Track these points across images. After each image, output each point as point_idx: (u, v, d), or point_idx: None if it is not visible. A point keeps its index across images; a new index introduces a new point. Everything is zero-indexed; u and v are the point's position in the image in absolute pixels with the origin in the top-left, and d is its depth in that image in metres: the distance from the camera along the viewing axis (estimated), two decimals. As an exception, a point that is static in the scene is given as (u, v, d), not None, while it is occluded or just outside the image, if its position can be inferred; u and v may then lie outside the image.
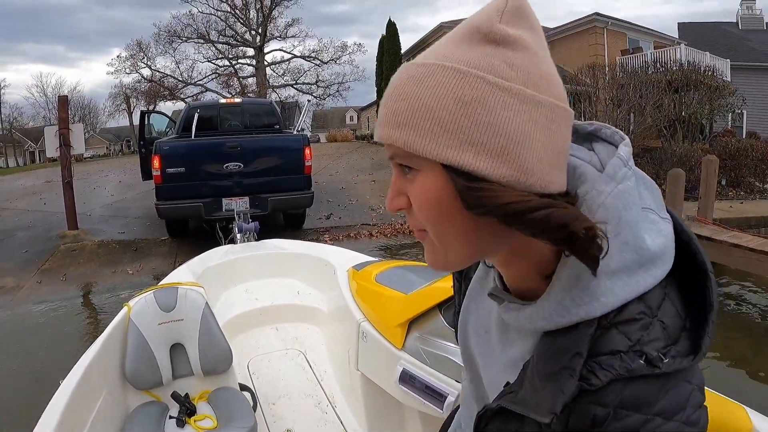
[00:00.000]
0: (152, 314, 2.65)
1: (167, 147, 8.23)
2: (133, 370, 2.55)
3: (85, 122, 54.62)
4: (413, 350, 2.38)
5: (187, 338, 2.72)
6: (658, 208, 0.72)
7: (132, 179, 15.68)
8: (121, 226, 10.08)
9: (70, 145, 9.08)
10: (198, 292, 2.83)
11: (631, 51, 24.57)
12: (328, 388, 3.28)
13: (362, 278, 3.12)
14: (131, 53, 38.54)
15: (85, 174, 18.37)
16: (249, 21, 38.48)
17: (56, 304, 6.77)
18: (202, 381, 2.79)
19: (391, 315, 2.57)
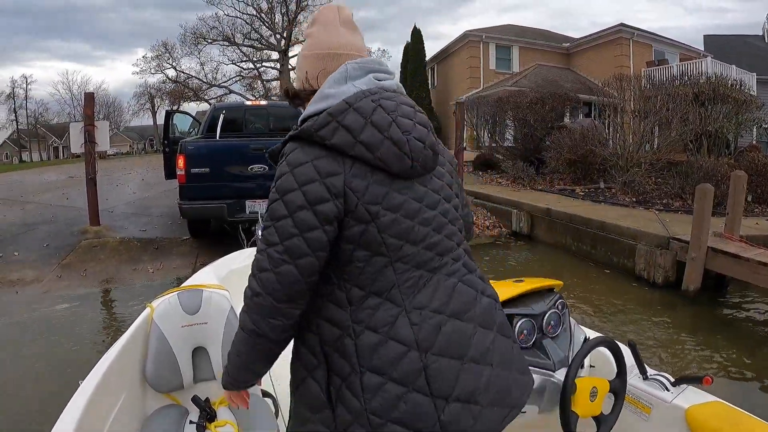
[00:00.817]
0: (175, 316, 2.59)
1: (192, 147, 8.20)
2: (154, 373, 2.49)
3: (110, 120, 55.49)
4: None
5: (210, 342, 2.66)
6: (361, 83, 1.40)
7: (154, 178, 15.86)
8: (142, 224, 10.09)
9: (95, 142, 9.11)
10: (223, 296, 2.77)
11: (656, 63, 24.48)
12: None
13: None
14: (157, 54, 39.30)
15: (109, 171, 18.72)
16: (274, 25, 38.78)
17: (75, 300, 6.76)
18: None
19: None
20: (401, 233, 1.31)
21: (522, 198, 11.65)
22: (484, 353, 1.37)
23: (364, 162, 1.29)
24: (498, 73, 27.87)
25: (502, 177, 15.44)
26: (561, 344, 2.27)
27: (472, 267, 1.51)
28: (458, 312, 1.36)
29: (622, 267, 8.18)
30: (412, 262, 1.34)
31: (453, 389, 1.28)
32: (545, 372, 2.13)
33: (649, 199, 11.24)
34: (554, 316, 2.29)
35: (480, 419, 1.32)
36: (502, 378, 1.40)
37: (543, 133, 14.78)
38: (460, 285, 1.41)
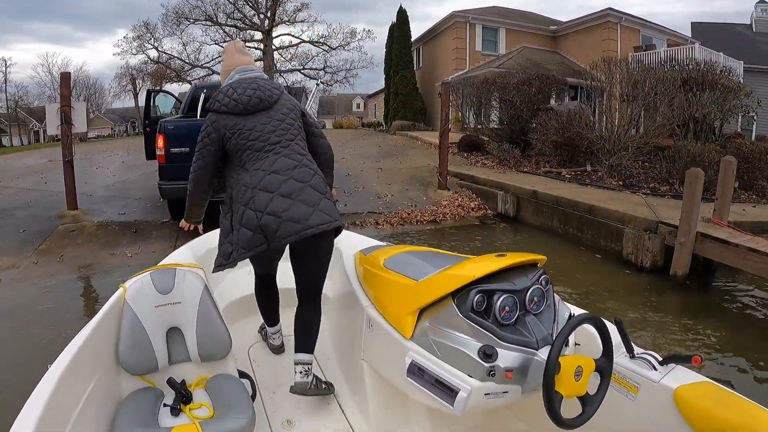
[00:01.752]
0: (148, 296, 2.59)
1: (172, 126, 8.11)
2: (127, 355, 2.49)
3: (91, 102, 54.76)
4: (423, 341, 2.32)
5: (184, 322, 2.65)
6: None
7: (135, 160, 15.58)
8: (121, 207, 9.87)
9: (72, 123, 8.85)
10: (197, 274, 2.76)
11: (644, 48, 24.49)
12: (331, 377, 3.20)
13: (370, 263, 3.05)
14: (138, 34, 38.52)
15: (89, 154, 18.26)
16: (258, 4, 38.19)
17: (51, 287, 6.57)
18: (199, 367, 2.71)
19: (401, 302, 2.51)
20: (245, 138, 2.70)
21: (508, 180, 11.55)
22: (290, 192, 2.61)
23: (224, 112, 2.74)
24: (484, 55, 27.62)
25: (488, 159, 15.28)
26: (544, 321, 2.22)
27: (301, 152, 2.81)
28: (278, 170, 2.66)
29: (610, 251, 8.12)
30: (254, 149, 2.70)
31: (266, 207, 2.57)
32: (528, 350, 2.08)
33: (635, 183, 11.20)
34: (537, 291, 2.23)
35: (281, 226, 2.55)
36: (303, 209, 2.60)
37: (529, 115, 14.62)
38: (282, 158, 2.71)
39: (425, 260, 2.74)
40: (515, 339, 2.10)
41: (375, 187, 12.01)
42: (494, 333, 2.10)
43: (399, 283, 2.61)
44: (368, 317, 2.78)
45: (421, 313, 2.38)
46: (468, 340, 2.13)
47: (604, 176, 11.90)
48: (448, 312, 2.24)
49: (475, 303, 2.15)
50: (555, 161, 13.64)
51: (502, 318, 2.13)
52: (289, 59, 40.37)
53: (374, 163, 14.97)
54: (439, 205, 10.88)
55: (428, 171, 13.43)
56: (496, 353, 2.05)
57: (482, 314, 2.16)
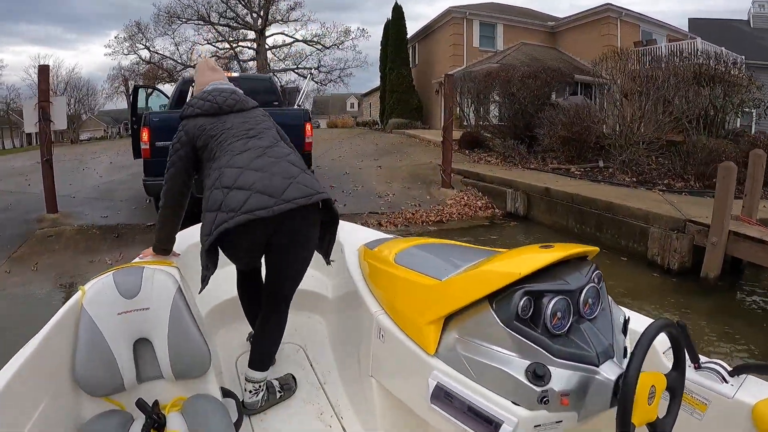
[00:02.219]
0: (110, 301, 2.17)
1: (157, 119, 7.53)
2: (85, 371, 2.06)
3: (83, 105, 54.40)
4: (451, 357, 1.84)
5: (153, 332, 2.22)
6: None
7: (124, 160, 15.01)
8: (104, 209, 9.23)
9: (51, 120, 8.20)
10: (168, 274, 2.33)
11: (644, 43, 24.11)
12: (333, 394, 2.80)
13: (377, 259, 2.59)
14: (130, 34, 38.42)
15: (79, 155, 17.99)
16: (251, 3, 38.13)
17: (22, 298, 5.98)
18: (174, 385, 2.29)
19: (420, 308, 2.02)
20: (217, 133, 2.58)
21: (517, 177, 10.93)
22: (261, 166, 2.43)
23: (197, 115, 2.66)
24: (482, 51, 27.13)
25: (491, 156, 14.68)
26: (602, 328, 1.75)
27: (276, 138, 2.71)
28: (251, 148, 2.53)
29: (633, 251, 7.55)
30: (226, 142, 2.55)
31: (233, 183, 2.37)
32: (587, 368, 1.62)
33: (649, 179, 10.65)
34: (592, 291, 1.78)
35: (250, 198, 2.30)
36: (277, 181, 2.38)
37: (534, 109, 14.01)
38: (255, 140, 2.59)
39: (445, 254, 2.27)
40: (571, 353, 1.63)
41: (375, 186, 11.37)
42: (545, 347, 1.64)
43: (417, 284, 2.11)
44: (378, 326, 2.29)
45: (447, 321, 1.90)
46: (512, 357, 1.67)
47: (616, 172, 11.34)
48: (485, 320, 1.76)
49: (520, 308, 1.67)
50: (563, 157, 13.03)
51: (553, 326, 1.66)
52: (282, 58, 40.55)
53: (372, 161, 14.33)
54: (444, 205, 10.27)
55: (430, 169, 12.81)
56: (548, 373, 1.60)
57: (528, 322, 1.68)
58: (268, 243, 2.47)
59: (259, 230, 2.36)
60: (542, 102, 14.08)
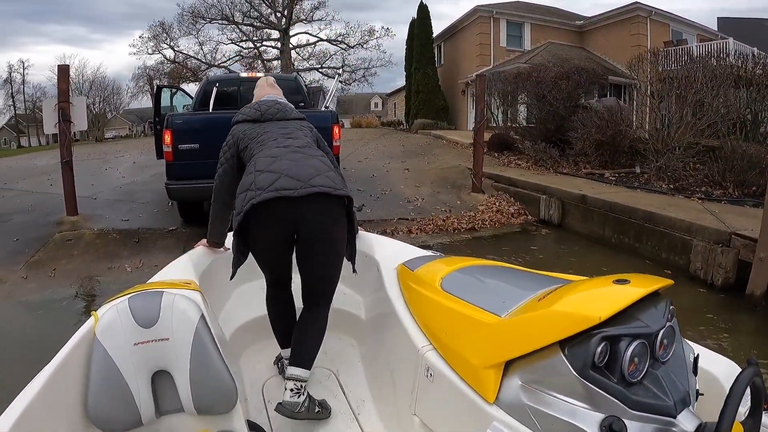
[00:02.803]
0: (126, 330, 1.95)
1: (180, 121, 7.35)
2: (99, 407, 1.88)
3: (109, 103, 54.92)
4: (514, 407, 1.67)
5: (174, 365, 2.01)
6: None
7: (147, 160, 14.93)
8: (126, 212, 9.01)
9: (71, 121, 7.98)
10: (191, 300, 2.10)
11: (674, 43, 23.55)
12: (368, 427, 2.57)
13: (421, 283, 2.43)
14: (154, 34, 38.76)
15: (102, 154, 17.97)
16: (274, 3, 38.25)
17: (36, 307, 5.73)
18: (196, 419, 2.08)
19: (477, 348, 1.84)
20: (256, 137, 2.83)
21: (550, 183, 10.47)
22: (294, 159, 2.64)
23: (242, 121, 2.98)
24: (509, 51, 26.78)
25: (521, 159, 14.22)
26: (677, 372, 1.61)
27: (311, 142, 2.91)
28: (285, 146, 2.74)
29: (674, 264, 7.08)
30: (262, 154, 2.69)
31: (265, 168, 2.57)
32: (664, 420, 1.46)
33: (686, 186, 10.13)
34: (669, 332, 1.63)
35: (279, 180, 2.49)
36: (306, 171, 2.56)
37: (567, 112, 13.52)
38: (290, 139, 2.81)
39: (500, 281, 2.17)
40: (647, 404, 1.47)
41: (403, 190, 10.99)
42: (622, 398, 1.47)
43: (472, 319, 1.94)
44: (426, 363, 2.11)
45: (507, 364, 1.74)
46: (584, 410, 1.50)
47: (651, 178, 10.86)
48: (555, 368, 1.58)
49: (597, 356, 1.50)
50: (596, 162, 12.55)
51: (630, 374, 1.50)
52: (306, 58, 40.75)
53: (400, 163, 13.97)
54: (475, 211, 9.86)
55: (459, 172, 12.44)
56: (624, 428, 1.42)
57: (604, 371, 1.52)
58: (295, 234, 2.56)
59: (282, 209, 2.45)
60: (574, 104, 13.59)
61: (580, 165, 12.71)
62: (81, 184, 10.21)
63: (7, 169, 15.25)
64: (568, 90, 13.49)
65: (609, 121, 12.07)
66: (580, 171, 12.27)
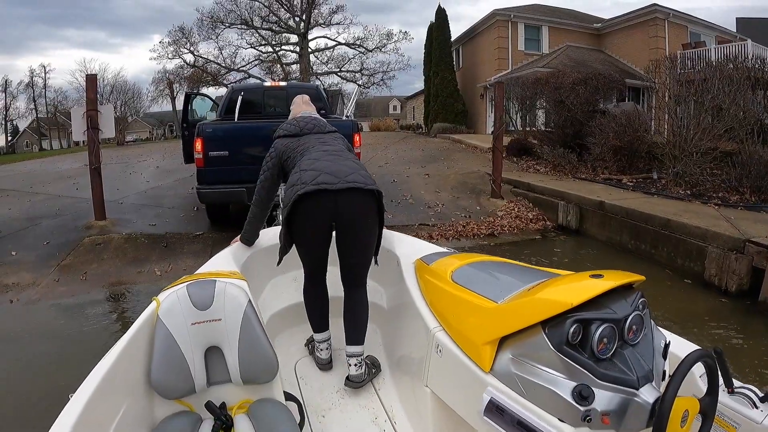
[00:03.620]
0: (184, 312, 2.28)
1: (210, 129, 7.80)
2: (161, 377, 2.19)
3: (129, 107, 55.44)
4: (505, 375, 2.02)
5: (225, 342, 2.34)
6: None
7: (170, 165, 15.23)
8: (153, 216, 9.23)
9: (99, 129, 8.20)
10: (240, 288, 2.43)
11: (693, 45, 23.36)
12: (387, 400, 2.97)
13: (434, 275, 2.77)
14: (174, 39, 39.07)
15: (125, 158, 18.27)
16: (293, 7, 38.35)
17: (70, 309, 5.93)
18: (242, 389, 2.42)
19: (477, 328, 2.19)
20: (298, 149, 3.18)
21: (568, 188, 10.54)
22: (332, 160, 2.99)
23: (284, 135, 3.33)
24: (527, 54, 26.80)
25: (540, 164, 14.26)
26: (643, 353, 1.89)
27: (337, 151, 3.17)
28: (326, 150, 3.13)
29: (689, 271, 7.12)
30: (305, 158, 3.05)
31: (309, 167, 2.92)
32: (627, 390, 1.77)
33: (703, 191, 10.11)
34: (637, 319, 1.91)
35: (320, 176, 2.83)
36: (342, 169, 2.91)
37: (585, 117, 13.54)
38: (329, 146, 3.20)
39: (501, 274, 2.49)
40: (613, 377, 1.78)
41: (424, 196, 11.09)
42: (591, 370, 1.79)
43: (474, 305, 2.30)
44: (437, 341, 2.46)
45: (501, 341, 2.07)
46: (560, 379, 1.82)
47: (669, 184, 10.86)
48: (537, 344, 1.90)
49: (570, 335, 1.81)
50: (614, 167, 12.58)
51: (600, 352, 1.81)
52: (325, 62, 40.79)
53: (420, 168, 14.06)
54: (495, 216, 9.93)
55: (478, 177, 12.54)
56: (592, 394, 1.75)
57: (577, 347, 1.83)
58: (333, 223, 2.94)
59: (323, 200, 2.81)
60: (592, 109, 13.62)
61: (598, 170, 12.75)
62: (107, 188, 10.35)
63: (32, 172, 15.59)
64: (586, 95, 13.52)
65: (627, 126, 12.08)
66: (598, 176, 12.31)
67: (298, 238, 2.96)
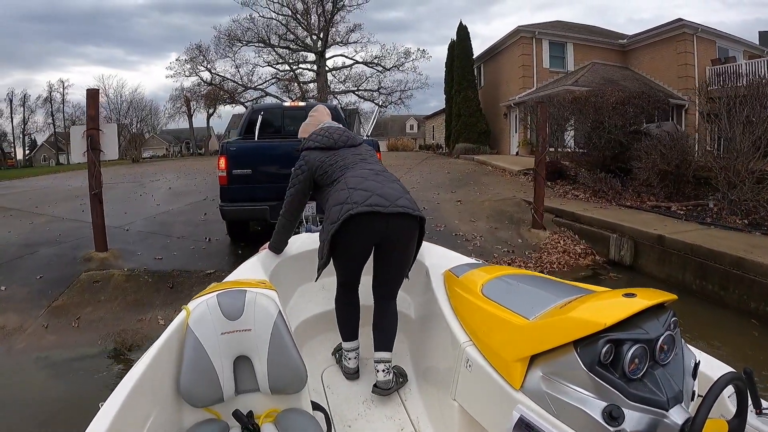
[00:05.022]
0: (215, 322, 2.23)
1: (234, 148, 7.83)
2: (190, 386, 2.13)
3: (146, 123, 55.56)
4: (535, 393, 1.96)
5: (254, 352, 2.28)
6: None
7: (184, 185, 14.66)
8: (160, 248, 8.30)
9: (100, 149, 7.35)
10: (270, 298, 2.38)
11: (722, 60, 22.63)
12: (414, 412, 2.94)
13: (464, 288, 2.76)
14: (191, 56, 39.29)
15: (137, 176, 17.72)
16: (310, 26, 38.55)
17: (56, 366, 5.06)
18: (269, 398, 2.35)
19: (508, 345, 2.14)
20: (333, 164, 3.09)
21: (619, 219, 9.52)
22: (380, 181, 2.94)
23: (315, 148, 3.19)
24: (552, 72, 25.96)
25: (577, 188, 13.24)
26: (673, 374, 1.81)
27: (382, 171, 3.12)
28: (369, 169, 3.06)
29: (762, 314, 6.23)
30: (351, 175, 2.98)
31: (358, 185, 2.89)
32: (656, 411, 1.68)
33: (759, 220, 9.11)
34: (668, 339, 1.83)
35: (372, 197, 2.80)
36: (392, 192, 2.89)
37: (627, 138, 12.53)
38: (368, 164, 3.13)
39: (531, 289, 2.47)
40: (643, 397, 1.70)
41: (458, 226, 10.06)
42: (622, 390, 1.71)
43: (505, 321, 2.24)
44: (466, 356, 2.43)
45: (532, 359, 2.00)
46: (591, 399, 1.75)
47: (722, 212, 9.86)
48: (569, 363, 1.83)
49: (602, 355, 1.74)
50: (661, 193, 11.55)
51: (630, 372, 1.73)
52: (342, 80, 40.81)
53: (449, 193, 13.05)
54: (540, 251, 8.93)
55: (515, 204, 11.52)
56: (622, 415, 1.67)
57: (608, 367, 1.76)
58: (377, 242, 2.96)
59: (375, 222, 2.81)
60: (635, 131, 12.61)
61: (642, 197, 11.75)
62: (113, 212, 9.79)
63: (41, 189, 15.13)
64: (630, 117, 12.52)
65: (673, 148, 11.12)
66: (644, 203, 11.31)
67: (341, 254, 2.98)
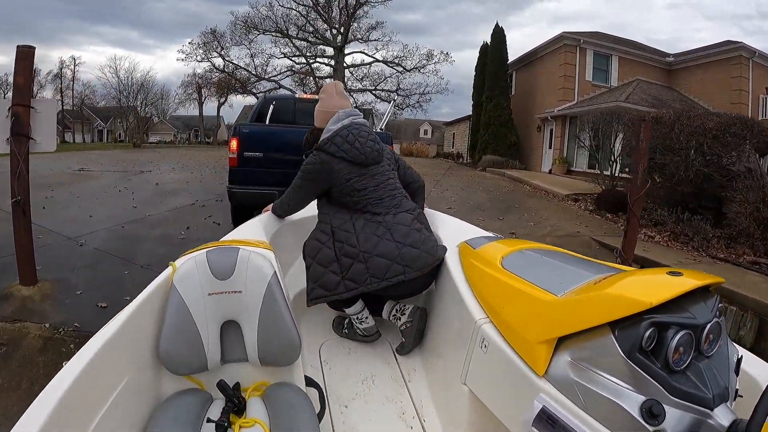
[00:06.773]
0: (202, 280, 2.00)
1: (247, 130, 7.65)
2: (170, 350, 1.93)
3: (156, 107, 54.34)
4: (561, 382, 1.68)
5: (244, 317, 2.06)
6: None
7: (175, 181, 12.81)
8: (111, 284, 5.75)
9: (29, 137, 4.98)
10: (265, 258, 2.13)
11: (777, 89, 21.15)
12: (417, 394, 2.66)
13: (482, 260, 2.48)
14: (205, 41, 38.21)
15: (129, 164, 16.08)
16: (331, 19, 37.25)
17: None
18: (259, 370, 2.14)
19: (532, 324, 1.86)
20: (362, 188, 2.84)
21: (736, 285, 7.04)
22: (399, 240, 2.72)
23: (342, 158, 2.83)
24: (594, 86, 23.68)
25: (649, 227, 10.64)
26: (719, 368, 1.55)
27: (410, 205, 2.99)
28: (389, 223, 2.83)
29: None
30: (371, 207, 2.82)
31: (374, 249, 2.70)
32: (700, 410, 1.43)
33: None
34: (716, 327, 1.56)
35: (392, 267, 2.64)
36: (411, 253, 2.69)
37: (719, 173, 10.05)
38: (393, 216, 2.85)
39: (558, 263, 2.19)
40: (686, 393, 1.44)
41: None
42: (663, 383, 1.45)
43: (529, 296, 1.95)
44: (482, 335, 2.12)
45: (559, 341, 1.71)
46: (628, 391, 1.48)
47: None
48: (604, 347, 1.55)
49: (645, 340, 1.47)
50: (761, 245, 9.08)
51: (674, 362, 1.47)
52: (360, 78, 39.56)
53: (497, 220, 10.40)
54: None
55: (583, 245, 8.94)
56: (663, 412, 1.41)
57: (650, 355, 1.48)
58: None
59: (392, 289, 2.72)
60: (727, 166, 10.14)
61: (735, 247, 9.34)
62: (78, 213, 8.29)
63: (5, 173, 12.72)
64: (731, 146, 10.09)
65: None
66: (740, 257, 8.91)
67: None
